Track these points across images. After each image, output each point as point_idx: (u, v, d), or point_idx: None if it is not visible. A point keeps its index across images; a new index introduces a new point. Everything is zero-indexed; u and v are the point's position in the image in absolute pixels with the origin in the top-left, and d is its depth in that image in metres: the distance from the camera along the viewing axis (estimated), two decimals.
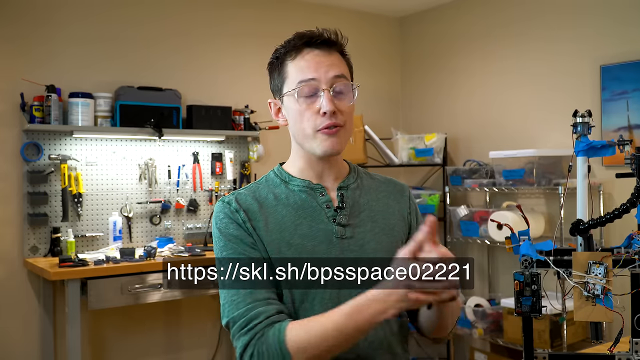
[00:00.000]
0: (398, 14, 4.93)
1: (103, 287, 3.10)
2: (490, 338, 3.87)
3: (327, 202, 1.42)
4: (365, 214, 1.43)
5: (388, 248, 1.40)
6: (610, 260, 1.41)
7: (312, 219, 1.40)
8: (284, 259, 1.36)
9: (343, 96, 1.39)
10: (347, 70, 1.42)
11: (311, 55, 1.38)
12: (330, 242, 1.38)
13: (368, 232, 1.41)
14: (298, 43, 1.38)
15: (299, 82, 1.37)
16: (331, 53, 1.40)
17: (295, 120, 1.40)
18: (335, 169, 1.46)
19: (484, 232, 3.88)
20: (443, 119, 4.60)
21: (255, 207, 1.40)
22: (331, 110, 1.35)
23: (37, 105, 3.40)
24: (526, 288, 1.47)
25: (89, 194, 3.63)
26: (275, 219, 1.39)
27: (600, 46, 3.60)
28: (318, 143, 1.38)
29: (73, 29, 3.63)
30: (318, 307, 1.36)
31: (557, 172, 3.65)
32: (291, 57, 1.39)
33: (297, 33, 1.41)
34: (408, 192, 1.53)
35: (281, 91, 1.42)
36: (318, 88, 1.36)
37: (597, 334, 1.50)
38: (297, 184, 1.44)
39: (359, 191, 1.46)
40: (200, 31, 4.07)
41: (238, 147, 4.14)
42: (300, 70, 1.37)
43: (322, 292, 1.36)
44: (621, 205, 1.43)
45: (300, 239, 1.37)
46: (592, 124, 1.53)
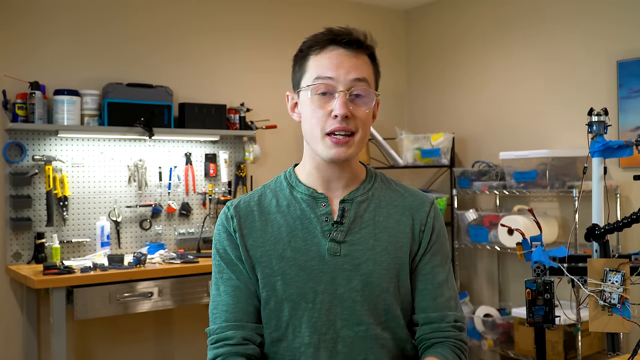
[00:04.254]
0: (403, 7, 4.93)
1: (90, 295, 3.10)
2: (501, 350, 3.87)
3: (326, 214, 1.41)
4: (368, 231, 1.41)
5: (388, 269, 1.38)
6: (628, 267, 1.41)
7: (308, 232, 1.40)
8: (274, 272, 1.38)
9: (361, 101, 1.37)
10: (371, 75, 1.40)
11: (335, 54, 1.37)
12: (323, 259, 1.38)
13: (367, 250, 1.39)
14: (324, 38, 1.38)
15: (316, 78, 1.36)
16: (358, 55, 1.38)
17: (307, 118, 1.39)
18: (346, 177, 1.43)
19: (494, 238, 3.88)
20: (450, 117, 4.60)
21: (254, 214, 1.43)
22: (343, 114, 1.33)
23: (20, 103, 3.40)
24: (539, 297, 1.47)
25: (75, 197, 3.63)
26: (272, 228, 1.41)
27: (617, 40, 3.60)
28: (324, 148, 1.37)
29: (57, 21, 3.64)
30: (306, 324, 1.37)
31: (571, 174, 3.65)
32: (315, 52, 1.39)
33: (327, 28, 1.40)
34: (429, 207, 1.46)
35: (299, 85, 1.42)
36: (335, 88, 1.35)
37: (613, 345, 1.50)
38: (302, 191, 1.44)
39: (365, 204, 1.43)
40: (194, 24, 4.08)
41: (233, 147, 4.14)
42: (320, 66, 1.37)
43: (311, 310, 1.37)
44: (639, 209, 1.43)
45: (293, 253, 1.38)
46: (609, 123, 1.53)
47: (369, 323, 1.37)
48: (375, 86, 1.42)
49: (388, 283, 1.38)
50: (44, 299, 3.47)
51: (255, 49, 4.30)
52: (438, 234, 1.46)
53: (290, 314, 1.38)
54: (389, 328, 1.39)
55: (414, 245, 1.43)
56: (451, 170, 4.30)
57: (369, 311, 1.37)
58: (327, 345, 1.36)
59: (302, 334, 1.37)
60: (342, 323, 1.37)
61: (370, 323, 1.37)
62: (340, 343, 1.37)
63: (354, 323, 1.37)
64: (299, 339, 1.38)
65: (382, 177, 1.51)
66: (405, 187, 1.51)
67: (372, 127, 4.34)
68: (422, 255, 1.43)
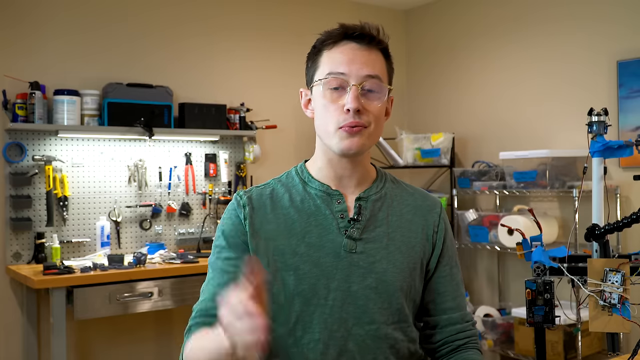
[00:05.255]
0: (403, 7, 4.94)
1: (90, 295, 3.10)
2: (501, 350, 3.87)
3: (342, 211, 1.40)
4: (382, 230, 1.41)
5: (401, 268, 1.39)
6: (628, 267, 1.41)
7: (323, 227, 1.39)
8: (286, 266, 1.37)
9: (373, 95, 1.37)
10: (384, 72, 1.40)
11: (348, 48, 1.37)
12: (338, 255, 1.37)
13: (382, 249, 1.39)
14: (337, 33, 1.38)
15: (329, 74, 1.36)
16: (371, 50, 1.38)
17: (320, 113, 1.39)
18: (358, 174, 1.43)
19: (494, 238, 3.88)
20: (450, 117, 4.61)
21: (267, 207, 1.42)
22: (355, 108, 1.33)
23: (20, 103, 3.40)
24: (539, 297, 1.47)
25: (75, 197, 3.63)
26: (285, 222, 1.40)
27: (617, 40, 3.61)
28: (337, 140, 1.36)
29: (58, 21, 3.64)
30: (317, 320, 1.35)
31: (571, 174, 3.65)
32: (328, 47, 1.38)
33: (340, 24, 1.41)
34: (439, 209, 1.48)
35: (312, 80, 1.42)
36: (347, 83, 1.35)
37: (613, 345, 1.51)
38: (316, 187, 1.43)
39: (379, 203, 1.43)
40: (194, 24, 4.08)
41: (233, 147, 4.14)
42: (333, 61, 1.37)
43: (323, 306, 1.36)
44: (639, 209, 1.43)
45: (307, 248, 1.37)
46: (609, 122, 1.53)
47: (380, 322, 1.36)
48: (388, 81, 1.42)
49: (401, 282, 1.38)
50: (44, 299, 3.47)
51: (256, 49, 4.30)
52: (450, 235, 1.49)
53: (302, 309, 1.35)
54: (400, 328, 1.39)
55: (427, 247, 1.43)
56: (451, 170, 4.30)
57: (382, 310, 1.37)
58: (337, 343, 1.35)
59: (313, 330, 1.35)
60: (353, 321, 1.36)
61: (382, 322, 1.36)
62: (350, 341, 1.35)
63: (365, 322, 1.36)
64: (309, 335, 1.35)
65: (392, 177, 1.51)
66: (414, 187, 1.52)
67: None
68: (439, 257, 1.45)
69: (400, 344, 1.39)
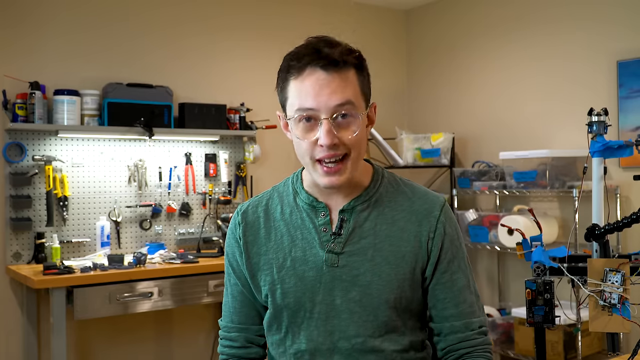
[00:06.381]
0: (403, 7, 4.93)
1: (90, 295, 3.10)
2: (501, 350, 3.87)
3: (324, 224, 1.39)
4: (368, 241, 1.37)
5: (388, 280, 1.35)
6: (628, 267, 1.41)
7: (307, 242, 1.39)
8: (274, 280, 1.40)
9: (347, 122, 1.30)
10: (356, 92, 1.31)
11: (313, 79, 1.29)
12: (321, 270, 1.37)
13: (366, 261, 1.36)
14: (302, 54, 1.30)
15: (298, 109, 1.30)
16: (339, 73, 1.29)
17: (296, 144, 1.35)
18: (346, 186, 1.37)
19: (494, 238, 3.88)
20: (450, 117, 4.61)
21: (260, 220, 1.45)
22: (328, 144, 1.28)
23: (20, 103, 3.40)
24: (539, 297, 1.47)
25: (75, 197, 3.63)
26: (275, 236, 1.42)
27: (617, 40, 3.60)
28: (318, 175, 1.33)
29: (58, 21, 3.64)
30: (304, 332, 1.39)
31: (571, 174, 3.65)
32: (293, 75, 1.32)
33: (303, 44, 1.33)
34: (438, 211, 1.39)
35: (284, 108, 1.37)
36: (318, 116, 1.29)
37: (613, 345, 1.51)
38: (304, 199, 1.42)
39: (367, 213, 1.39)
40: (194, 24, 4.07)
41: (233, 147, 4.14)
42: (300, 93, 1.30)
43: (309, 319, 1.38)
44: (639, 209, 1.43)
45: (292, 262, 1.39)
46: (609, 123, 1.53)
47: (366, 335, 1.35)
48: (365, 98, 1.35)
49: (388, 294, 1.35)
50: (44, 299, 3.47)
51: (256, 48, 4.30)
52: (451, 238, 1.40)
53: (289, 321, 1.40)
54: (390, 339, 1.37)
55: (421, 255, 1.38)
56: (451, 170, 4.30)
57: (367, 323, 1.35)
58: (323, 355, 1.37)
59: (300, 341, 1.39)
60: (339, 334, 1.36)
61: (368, 335, 1.35)
62: (337, 354, 1.36)
63: (351, 335, 1.35)
64: (297, 345, 1.39)
65: (390, 178, 1.45)
66: (415, 188, 1.45)
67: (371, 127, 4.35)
68: (436, 264, 1.38)
69: (391, 355, 1.37)
